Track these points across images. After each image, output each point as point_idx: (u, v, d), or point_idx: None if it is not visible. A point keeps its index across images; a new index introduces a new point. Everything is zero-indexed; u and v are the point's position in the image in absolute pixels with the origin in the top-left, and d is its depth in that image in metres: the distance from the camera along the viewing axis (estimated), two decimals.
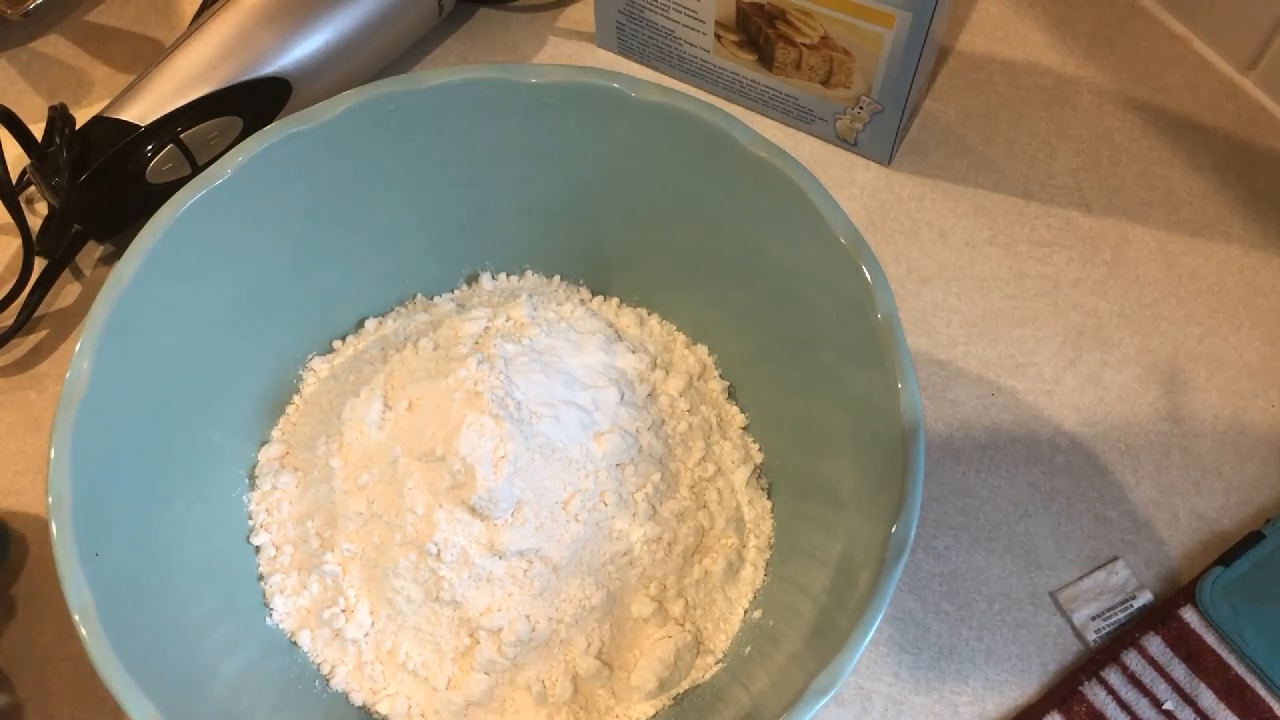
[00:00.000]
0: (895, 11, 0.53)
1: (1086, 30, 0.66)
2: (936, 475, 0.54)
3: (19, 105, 0.59)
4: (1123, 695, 0.48)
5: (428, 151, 0.49)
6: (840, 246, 0.44)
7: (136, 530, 0.42)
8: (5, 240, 0.60)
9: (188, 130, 0.55)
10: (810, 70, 0.58)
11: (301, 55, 0.58)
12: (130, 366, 0.43)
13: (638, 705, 0.46)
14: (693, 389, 0.51)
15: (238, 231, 0.46)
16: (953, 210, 0.60)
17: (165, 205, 0.44)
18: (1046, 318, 0.58)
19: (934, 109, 0.63)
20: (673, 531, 0.47)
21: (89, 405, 0.41)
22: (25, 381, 0.56)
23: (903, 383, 0.42)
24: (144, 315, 0.43)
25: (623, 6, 0.62)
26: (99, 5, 0.67)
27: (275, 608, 0.47)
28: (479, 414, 0.44)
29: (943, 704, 0.49)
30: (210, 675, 0.42)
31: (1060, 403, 0.55)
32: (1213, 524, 0.53)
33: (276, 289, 0.49)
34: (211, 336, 0.47)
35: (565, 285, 0.54)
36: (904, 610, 0.51)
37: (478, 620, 0.45)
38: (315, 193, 0.48)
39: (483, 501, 0.44)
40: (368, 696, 0.46)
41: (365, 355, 0.51)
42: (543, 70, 0.47)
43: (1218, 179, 0.61)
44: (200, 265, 0.45)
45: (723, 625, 0.47)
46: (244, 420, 0.50)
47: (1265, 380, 0.56)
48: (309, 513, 0.48)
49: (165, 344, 0.45)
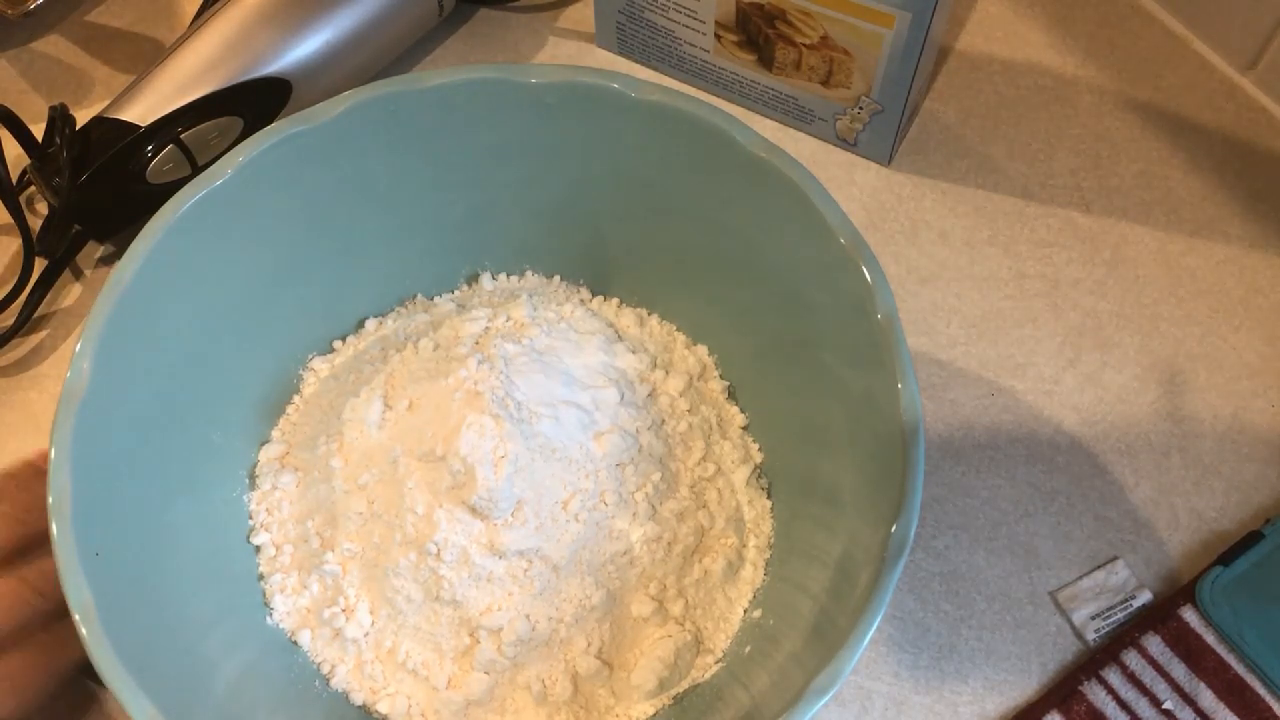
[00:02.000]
0: (895, 11, 0.53)
1: (1086, 30, 0.66)
2: (936, 475, 0.54)
3: (19, 105, 0.59)
4: (1122, 695, 0.48)
5: (428, 151, 0.49)
6: (840, 246, 0.44)
7: (136, 530, 0.42)
8: (5, 240, 0.60)
9: (188, 130, 0.55)
10: (810, 70, 0.58)
11: (301, 55, 0.58)
12: (130, 366, 0.43)
13: (638, 705, 0.46)
14: (693, 389, 0.51)
15: (238, 231, 0.46)
16: (953, 210, 0.60)
17: (165, 205, 0.44)
18: (1046, 318, 0.58)
19: (934, 109, 0.63)
20: (673, 531, 0.47)
21: (89, 405, 0.41)
22: (25, 381, 0.56)
23: (903, 383, 0.42)
24: (144, 315, 0.43)
25: (623, 6, 0.62)
26: (99, 5, 0.67)
27: (275, 607, 0.47)
28: (479, 414, 0.44)
29: (943, 703, 0.49)
30: (210, 675, 0.42)
31: (1060, 403, 0.55)
32: (1213, 524, 0.53)
33: (277, 289, 0.49)
34: (211, 337, 0.47)
35: (565, 285, 0.54)
36: (904, 610, 0.51)
37: (478, 620, 0.45)
38: (316, 193, 0.48)
39: (483, 501, 0.44)
40: (368, 696, 0.46)
41: (365, 355, 0.51)
42: (543, 70, 0.47)
43: (1218, 179, 0.61)
44: (200, 265, 0.45)
45: (723, 625, 0.47)
46: (244, 420, 0.49)
47: (1265, 380, 0.56)
48: (309, 512, 0.48)
49: (165, 344, 0.45)
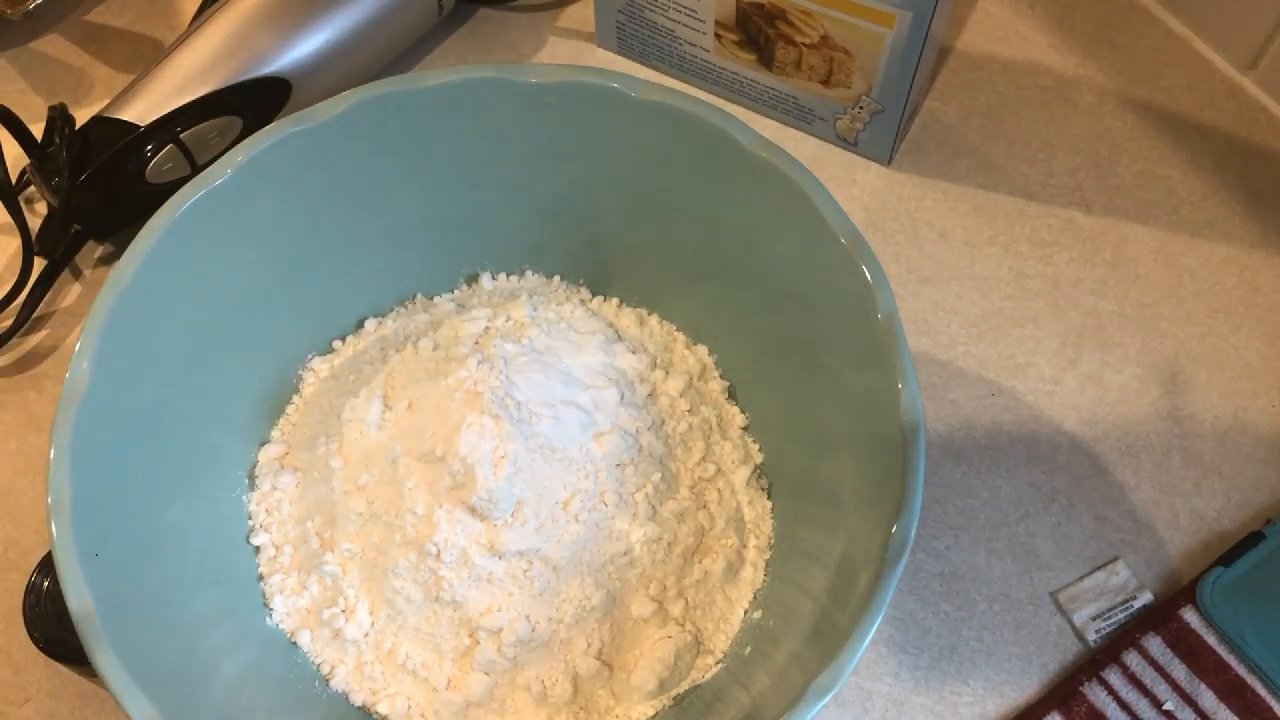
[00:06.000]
0: (895, 11, 0.53)
1: (1086, 30, 0.66)
2: (936, 475, 0.54)
3: (19, 105, 0.58)
4: (1123, 695, 0.48)
5: (428, 151, 0.49)
6: (840, 246, 0.44)
7: (136, 530, 0.42)
8: (5, 240, 0.60)
9: (188, 130, 0.55)
10: (810, 70, 0.58)
11: (301, 55, 0.58)
12: (130, 366, 0.43)
13: (638, 705, 0.46)
14: (693, 389, 0.51)
15: (238, 231, 0.46)
16: (953, 210, 0.60)
17: (165, 205, 0.44)
18: (1047, 318, 0.58)
19: (934, 109, 0.63)
20: (673, 532, 0.47)
21: (89, 405, 0.41)
22: (25, 381, 0.56)
23: (903, 383, 0.41)
24: (144, 315, 0.43)
25: (623, 6, 0.62)
26: (99, 5, 0.67)
27: (275, 608, 0.47)
28: (479, 414, 0.44)
29: (943, 704, 0.49)
30: (210, 675, 0.42)
31: (1060, 403, 0.55)
32: (1213, 524, 0.53)
33: (276, 289, 0.49)
34: (211, 336, 0.47)
35: (565, 285, 0.54)
36: (904, 610, 0.51)
37: (478, 620, 0.45)
38: (315, 193, 0.48)
39: (483, 502, 0.44)
40: (368, 696, 0.46)
41: (365, 355, 0.51)
42: (543, 70, 0.47)
43: (1218, 179, 0.61)
44: (200, 265, 0.45)
45: (723, 625, 0.47)
46: (244, 420, 0.49)
47: (1265, 380, 0.56)
48: (309, 513, 0.48)
49: (165, 344, 0.45)
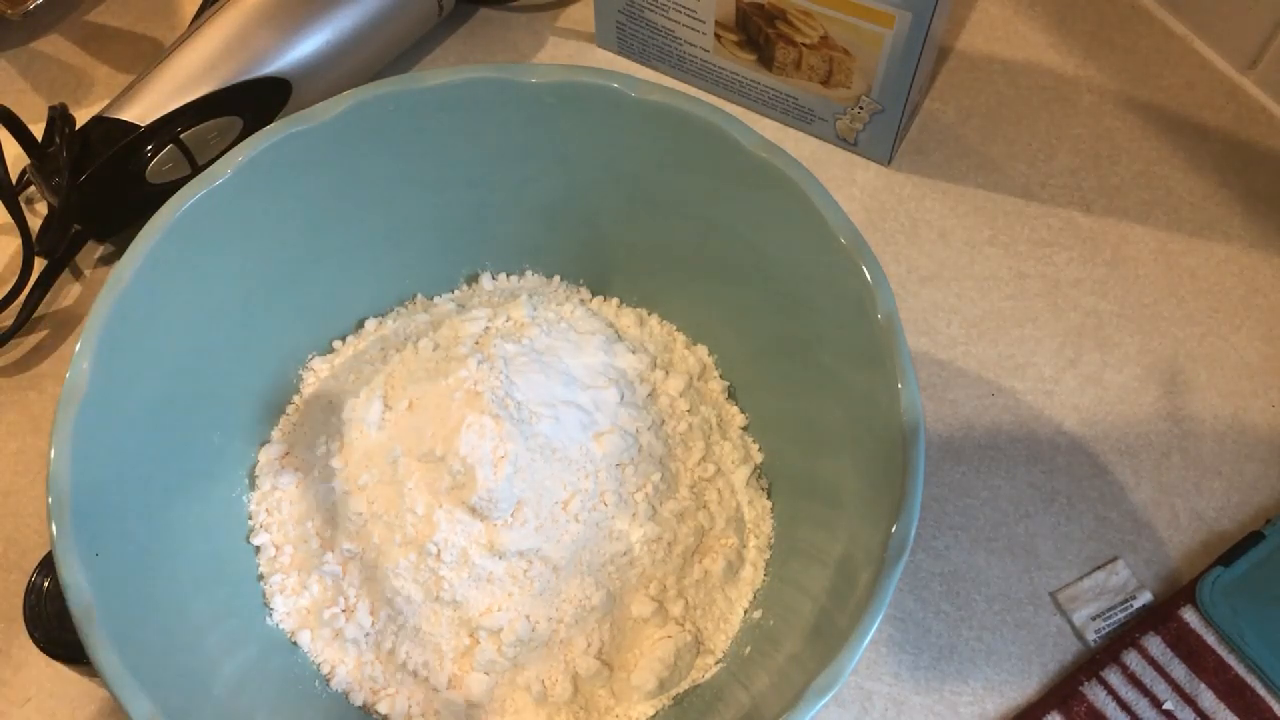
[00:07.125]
0: (895, 11, 0.53)
1: (1086, 30, 0.66)
2: (936, 475, 0.54)
3: (19, 105, 0.59)
4: (1123, 695, 0.48)
5: (428, 151, 0.49)
6: (840, 246, 0.44)
7: (136, 530, 0.42)
8: (5, 240, 0.60)
9: (188, 130, 0.55)
10: (810, 70, 0.58)
11: (301, 55, 0.58)
12: (130, 366, 0.43)
13: (638, 705, 0.46)
14: (693, 389, 0.51)
15: (238, 231, 0.46)
16: (953, 210, 0.60)
17: (165, 205, 0.44)
18: (1046, 318, 0.58)
19: (934, 109, 0.63)
20: (673, 531, 0.47)
21: (89, 405, 0.41)
22: (25, 381, 0.56)
23: (903, 383, 0.41)
24: (144, 315, 0.43)
25: (623, 6, 0.62)
26: (99, 5, 0.67)
27: (275, 608, 0.47)
28: (479, 414, 0.44)
29: (943, 704, 0.49)
30: (210, 675, 0.42)
31: (1060, 403, 0.55)
32: (1213, 524, 0.53)
33: (276, 289, 0.49)
34: (211, 336, 0.47)
35: (565, 285, 0.54)
36: (904, 610, 0.51)
37: (478, 620, 0.45)
38: (315, 192, 0.48)
39: (483, 501, 0.44)
40: (368, 696, 0.46)
41: (365, 355, 0.51)
42: (542, 70, 0.47)
43: (1218, 179, 0.61)
44: (200, 265, 0.45)
45: (723, 625, 0.47)
46: (244, 420, 0.49)
47: (1265, 380, 0.56)
48: (309, 513, 0.48)
49: (165, 344, 0.45)
